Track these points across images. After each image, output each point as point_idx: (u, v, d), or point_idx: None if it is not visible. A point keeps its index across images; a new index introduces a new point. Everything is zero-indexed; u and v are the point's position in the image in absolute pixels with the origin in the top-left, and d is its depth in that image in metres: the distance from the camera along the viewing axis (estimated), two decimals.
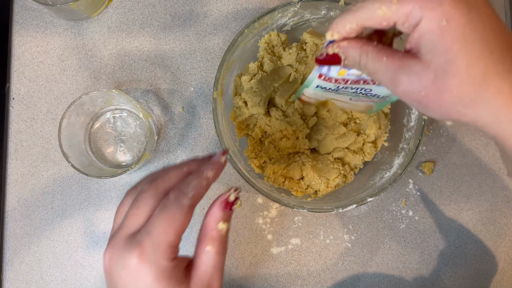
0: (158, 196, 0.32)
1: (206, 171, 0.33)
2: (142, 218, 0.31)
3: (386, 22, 0.30)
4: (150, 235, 0.30)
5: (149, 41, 0.59)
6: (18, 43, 0.59)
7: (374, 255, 0.57)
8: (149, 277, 0.30)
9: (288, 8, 0.52)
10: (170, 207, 0.31)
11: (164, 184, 0.33)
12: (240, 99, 0.53)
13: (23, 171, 0.57)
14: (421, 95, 0.29)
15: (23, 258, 0.56)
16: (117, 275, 0.31)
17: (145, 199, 0.32)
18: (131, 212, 0.32)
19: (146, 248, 0.30)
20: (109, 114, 0.58)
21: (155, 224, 0.30)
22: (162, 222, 0.30)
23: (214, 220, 0.33)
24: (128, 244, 0.30)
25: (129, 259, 0.30)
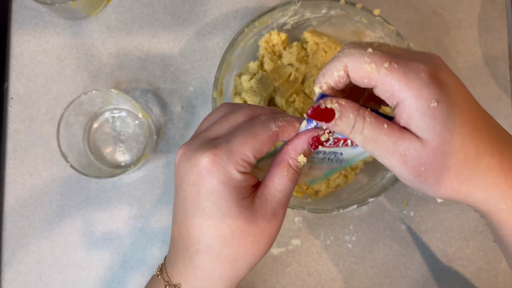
0: (249, 116, 0.33)
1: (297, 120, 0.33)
2: (227, 128, 0.32)
3: (368, 80, 0.30)
4: (228, 142, 0.31)
5: (149, 41, 0.59)
6: (17, 43, 0.58)
7: (375, 255, 0.57)
8: (215, 180, 0.31)
9: (288, 7, 0.52)
10: (256, 124, 0.32)
11: (258, 111, 0.33)
12: (240, 98, 0.53)
13: (22, 171, 0.57)
14: (421, 170, 0.30)
15: (22, 258, 0.56)
16: (185, 171, 0.32)
17: (236, 113, 0.33)
18: (219, 121, 0.33)
19: (220, 152, 0.31)
20: (108, 114, 0.58)
21: (236, 135, 0.31)
22: (244, 134, 0.31)
23: (297, 150, 0.32)
24: (204, 145, 0.31)
25: (201, 158, 0.31)
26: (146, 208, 0.57)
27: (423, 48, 0.59)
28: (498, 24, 0.60)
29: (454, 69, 0.60)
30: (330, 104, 0.30)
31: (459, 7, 0.60)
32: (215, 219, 0.31)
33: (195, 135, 0.34)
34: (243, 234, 0.32)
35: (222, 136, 0.32)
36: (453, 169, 0.29)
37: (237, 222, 0.31)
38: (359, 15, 0.53)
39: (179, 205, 0.33)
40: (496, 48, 0.60)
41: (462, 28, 0.60)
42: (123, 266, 0.56)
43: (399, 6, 0.60)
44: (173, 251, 0.34)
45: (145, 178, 0.57)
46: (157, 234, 0.57)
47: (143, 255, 0.56)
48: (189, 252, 0.33)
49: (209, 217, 0.31)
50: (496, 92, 0.59)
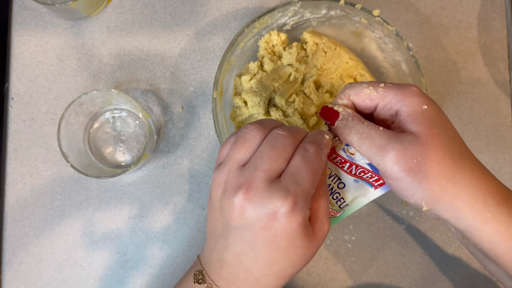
0: (296, 146, 0.34)
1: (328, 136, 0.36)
2: (283, 164, 0.33)
3: (370, 101, 0.35)
4: (300, 185, 0.32)
5: (149, 41, 0.59)
6: (17, 43, 0.59)
7: (374, 255, 0.57)
8: (295, 223, 0.32)
9: (288, 7, 0.52)
10: (314, 160, 0.33)
11: (300, 137, 0.35)
12: (240, 99, 0.53)
13: (22, 171, 0.57)
14: (413, 162, 0.32)
15: (22, 258, 0.56)
16: (257, 216, 0.32)
17: (286, 145, 0.33)
18: (272, 156, 0.33)
19: (298, 198, 0.32)
20: (109, 114, 0.58)
21: (303, 175, 0.32)
22: (310, 174, 0.33)
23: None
24: (277, 189, 0.32)
25: (280, 204, 0.32)
26: (147, 208, 0.57)
27: (423, 48, 0.59)
28: (497, 24, 0.60)
29: (453, 70, 0.60)
30: (337, 107, 0.36)
31: (458, 7, 0.60)
32: (289, 252, 0.34)
33: (247, 170, 0.33)
34: (307, 255, 0.35)
35: (284, 174, 0.33)
36: (442, 162, 0.32)
37: (306, 250, 0.34)
38: (359, 16, 0.53)
39: (243, 240, 0.34)
40: (496, 49, 0.60)
41: (461, 28, 0.60)
42: (124, 266, 0.56)
43: (398, 7, 0.60)
44: (231, 272, 0.36)
45: (146, 178, 0.57)
46: (157, 233, 0.57)
47: (143, 254, 0.56)
48: (254, 275, 0.35)
49: (283, 251, 0.33)
50: (496, 92, 0.59)
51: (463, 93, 0.59)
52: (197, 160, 0.58)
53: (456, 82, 0.59)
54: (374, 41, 0.55)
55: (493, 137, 0.58)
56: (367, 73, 0.54)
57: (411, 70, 0.53)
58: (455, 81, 0.59)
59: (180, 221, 0.57)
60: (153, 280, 0.56)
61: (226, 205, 0.33)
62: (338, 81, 0.55)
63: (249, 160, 0.34)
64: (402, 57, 0.53)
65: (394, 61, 0.55)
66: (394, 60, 0.55)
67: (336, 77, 0.54)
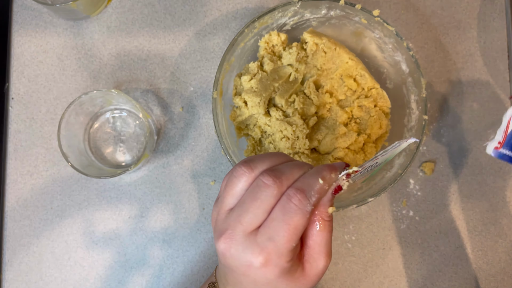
0: (280, 194, 0.33)
1: (330, 176, 0.33)
2: (262, 216, 0.32)
3: None
4: (274, 241, 0.32)
5: (149, 41, 0.59)
6: (18, 43, 0.59)
7: (374, 255, 0.57)
8: (272, 276, 0.33)
9: (288, 7, 0.52)
10: (293, 213, 0.32)
11: (288, 183, 0.33)
12: (240, 99, 0.53)
13: (23, 171, 0.57)
14: None
15: (23, 258, 0.56)
16: (237, 265, 0.33)
17: (267, 196, 0.32)
18: (251, 208, 0.33)
19: (270, 255, 0.32)
20: (109, 114, 0.58)
21: (278, 231, 0.32)
22: (286, 229, 0.32)
23: (326, 205, 0.34)
24: (250, 244, 0.32)
25: (252, 260, 0.32)
26: (147, 208, 0.57)
27: (423, 49, 0.60)
28: (497, 24, 0.60)
29: (453, 70, 0.60)
30: None
31: (458, 7, 0.60)
32: None
33: (231, 225, 0.33)
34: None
35: (261, 227, 0.33)
36: None
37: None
38: (359, 16, 0.53)
39: (234, 281, 0.37)
40: (495, 49, 0.60)
41: (461, 28, 0.60)
42: (124, 266, 0.56)
43: (398, 7, 0.60)
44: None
45: (146, 178, 0.57)
46: (158, 233, 0.57)
47: (143, 254, 0.56)
48: None
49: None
50: (496, 92, 0.59)
51: (463, 93, 0.59)
52: (197, 160, 0.58)
53: (456, 82, 0.59)
54: (374, 41, 0.55)
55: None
56: (367, 73, 0.54)
57: (411, 70, 0.53)
58: (455, 81, 0.59)
59: (180, 221, 0.57)
60: (153, 280, 0.56)
61: (215, 242, 0.35)
62: (338, 82, 0.55)
63: (235, 205, 0.34)
64: (402, 57, 0.53)
65: (394, 61, 0.55)
66: (394, 60, 0.55)
67: (336, 78, 0.55)
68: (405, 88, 0.54)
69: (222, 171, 0.57)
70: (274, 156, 0.35)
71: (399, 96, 0.55)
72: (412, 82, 0.53)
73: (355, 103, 0.54)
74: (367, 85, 0.54)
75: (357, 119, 0.55)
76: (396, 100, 0.55)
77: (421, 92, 0.52)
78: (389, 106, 0.55)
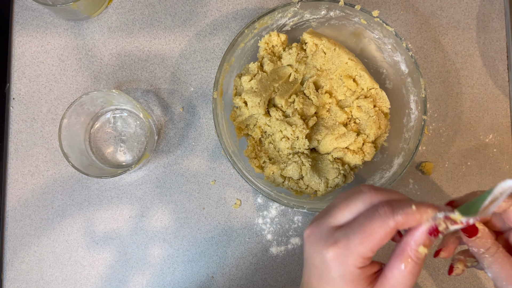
0: (369, 203, 0.34)
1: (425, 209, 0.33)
2: (347, 216, 0.35)
3: None
4: (348, 238, 0.33)
5: (149, 41, 0.59)
6: (18, 43, 0.59)
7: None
8: (336, 273, 0.34)
9: (288, 8, 0.53)
10: (374, 219, 0.33)
11: (378, 197, 0.34)
12: (240, 99, 0.53)
13: (24, 171, 0.57)
14: None
15: (23, 258, 0.57)
16: (311, 253, 0.35)
17: (356, 200, 0.35)
18: (340, 205, 0.35)
19: (340, 250, 0.33)
20: (109, 114, 0.58)
21: (355, 231, 0.33)
22: (361, 231, 0.33)
23: (417, 241, 0.33)
24: (328, 236, 0.34)
25: (324, 250, 0.34)
26: (147, 208, 0.57)
27: (422, 49, 0.60)
28: (496, 25, 0.60)
29: (452, 70, 0.60)
30: (478, 225, 0.35)
31: (457, 8, 0.60)
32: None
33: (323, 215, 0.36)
34: None
35: (344, 225, 0.34)
36: None
37: None
38: (358, 16, 0.53)
39: (308, 272, 0.37)
40: (495, 49, 0.60)
41: (460, 29, 0.60)
42: (124, 265, 0.56)
43: (397, 7, 0.60)
44: None
45: (146, 178, 0.58)
46: (158, 233, 0.57)
47: (144, 254, 0.57)
48: None
49: None
50: (495, 93, 0.59)
51: (462, 94, 0.59)
52: (198, 160, 0.58)
53: (455, 82, 0.59)
54: (373, 41, 0.56)
55: (492, 138, 0.59)
56: (366, 73, 0.54)
57: (410, 71, 0.53)
58: (454, 81, 0.59)
59: (180, 221, 0.57)
60: (153, 280, 0.56)
61: None
62: (337, 82, 0.55)
63: None
64: (401, 57, 0.53)
65: (393, 61, 0.55)
66: (393, 61, 0.55)
67: (335, 78, 0.55)
68: (405, 89, 0.54)
69: (222, 171, 0.58)
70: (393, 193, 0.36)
71: (399, 96, 0.55)
72: (411, 83, 0.53)
73: (355, 103, 0.54)
74: (367, 86, 0.54)
75: (356, 119, 0.55)
76: (395, 100, 0.55)
77: (420, 92, 0.52)
78: (388, 107, 0.55)
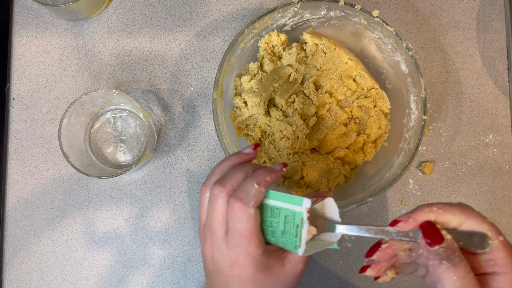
0: (227, 199, 0.38)
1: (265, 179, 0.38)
2: (225, 223, 0.38)
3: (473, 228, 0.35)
4: (239, 246, 0.37)
5: (149, 41, 0.59)
6: (18, 43, 0.59)
7: None
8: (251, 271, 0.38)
9: (288, 8, 0.52)
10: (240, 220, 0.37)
11: (233, 187, 0.38)
12: (240, 99, 0.53)
13: (23, 171, 0.57)
14: None
15: (23, 258, 0.56)
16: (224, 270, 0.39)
17: (219, 205, 0.38)
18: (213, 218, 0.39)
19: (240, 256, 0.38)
20: (109, 114, 0.58)
21: (238, 237, 0.37)
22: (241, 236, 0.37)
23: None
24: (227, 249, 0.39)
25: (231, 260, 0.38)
26: (147, 208, 0.57)
27: (422, 49, 0.60)
28: (497, 25, 0.60)
29: (452, 70, 0.60)
30: (445, 233, 0.35)
31: (457, 8, 0.60)
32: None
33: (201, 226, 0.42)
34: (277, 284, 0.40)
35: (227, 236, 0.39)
36: None
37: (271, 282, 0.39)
38: (358, 16, 0.53)
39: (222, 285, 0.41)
40: (495, 49, 0.60)
41: (460, 29, 0.60)
42: (124, 265, 0.56)
43: (397, 7, 0.60)
44: None
45: (146, 178, 0.57)
46: (158, 233, 0.57)
47: (144, 254, 0.57)
48: None
49: None
50: (495, 93, 0.59)
51: (462, 94, 0.59)
52: (197, 160, 0.58)
53: (455, 82, 0.59)
54: (373, 41, 0.56)
55: (493, 138, 0.59)
56: (366, 73, 0.54)
57: (410, 71, 0.53)
58: (454, 81, 0.59)
59: (180, 221, 0.57)
60: (153, 280, 0.56)
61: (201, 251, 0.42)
62: (337, 82, 0.55)
63: None
64: (402, 57, 0.53)
65: (394, 61, 0.55)
66: (393, 61, 0.55)
67: (335, 78, 0.55)
68: (405, 89, 0.54)
69: None
70: (221, 166, 0.41)
71: (399, 96, 0.55)
72: (411, 83, 0.53)
73: (355, 103, 0.54)
74: (367, 86, 0.54)
75: (356, 119, 0.55)
76: (395, 100, 0.55)
77: (420, 92, 0.52)
78: (388, 107, 0.55)
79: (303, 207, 0.35)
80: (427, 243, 0.34)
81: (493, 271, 0.35)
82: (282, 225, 0.37)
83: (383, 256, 0.37)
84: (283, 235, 0.37)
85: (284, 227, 0.37)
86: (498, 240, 0.35)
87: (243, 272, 0.38)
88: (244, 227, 0.37)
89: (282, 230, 0.37)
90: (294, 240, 0.36)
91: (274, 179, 0.38)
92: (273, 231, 0.38)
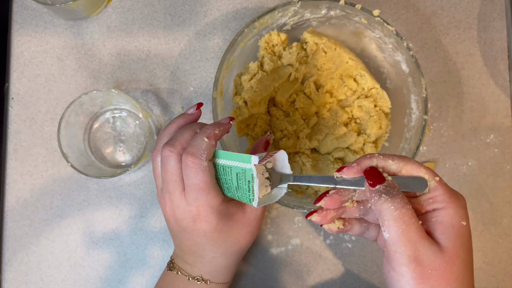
0: (179, 158, 0.40)
1: (214, 133, 0.40)
2: (180, 181, 0.40)
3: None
4: (199, 198, 0.39)
5: (149, 41, 0.59)
6: (18, 43, 0.59)
7: (374, 255, 0.57)
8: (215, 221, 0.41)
9: (288, 7, 0.52)
10: (195, 173, 0.38)
11: (183, 146, 0.40)
12: (240, 99, 0.53)
13: (22, 171, 0.57)
14: (428, 272, 0.34)
15: (22, 258, 0.56)
16: (188, 227, 0.41)
17: (171, 164, 0.40)
18: (168, 179, 0.40)
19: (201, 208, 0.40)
20: (109, 114, 0.58)
21: (195, 190, 0.39)
22: (198, 188, 0.39)
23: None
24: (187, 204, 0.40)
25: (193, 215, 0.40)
26: (147, 208, 0.57)
27: (423, 49, 0.60)
28: (497, 24, 0.60)
29: (453, 70, 0.60)
30: (386, 175, 0.37)
31: (458, 7, 0.60)
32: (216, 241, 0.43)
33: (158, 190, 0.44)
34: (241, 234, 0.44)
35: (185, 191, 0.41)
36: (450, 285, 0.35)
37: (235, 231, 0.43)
38: (359, 16, 0.53)
39: (189, 242, 0.44)
40: (495, 49, 0.60)
41: (461, 28, 0.60)
42: (124, 266, 0.56)
43: (398, 7, 0.60)
44: (190, 258, 0.46)
45: (146, 178, 0.57)
46: (158, 233, 0.57)
47: (143, 254, 0.56)
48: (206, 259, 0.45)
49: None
50: (496, 92, 0.59)
51: (463, 93, 0.59)
52: None
53: (456, 82, 0.59)
54: (374, 41, 0.55)
55: (494, 138, 0.59)
56: (367, 73, 0.54)
57: (411, 70, 0.53)
58: (455, 81, 0.59)
59: None
60: (153, 280, 0.56)
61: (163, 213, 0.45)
62: (338, 81, 0.55)
63: None
64: (402, 57, 0.53)
65: (394, 61, 0.55)
66: (394, 60, 0.55)
67: (336, 77, 0.55)
68: (405, 88, 0.54)
69: None
70: (168, 129, 0.43)
71: (399, 96, 0.55)
72: (412, 82, 0.53)
73: (355, 103, 0.54)
74: (367, 85, 0.54)
75: (357, 119, 0.55)
76: (396, 100, 0.55)
77: (421, 92, 0.52)
78: (389, 106, 0.55)
79: (252, 163, 0.37)
80: (370, 184, 0.37)
81: (433, 208, 0.37)
82: (235, 181, 0.39)
83: (330, 202, 0.38)
84: (238, 190, 0.39)
85: (237, 183, 0.39)
86: (435, 180, 0.37)
87: (206, 223, 0.40)
88: (200, 179, 0.38)
89: (236, 186, 0.39)
90: (248, 194, 0.39)
91: (223, 131, 0.40)
92: (228, 187, 0.40)
